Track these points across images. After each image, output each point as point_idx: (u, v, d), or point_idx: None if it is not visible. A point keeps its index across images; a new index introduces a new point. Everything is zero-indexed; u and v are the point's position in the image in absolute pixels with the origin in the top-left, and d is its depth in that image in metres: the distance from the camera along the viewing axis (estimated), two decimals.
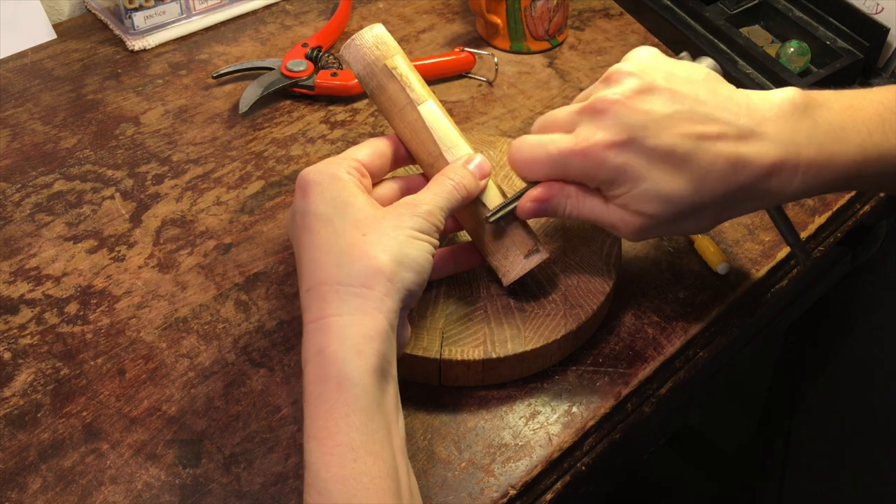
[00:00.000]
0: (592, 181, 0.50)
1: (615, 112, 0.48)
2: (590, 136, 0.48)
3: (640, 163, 0.48)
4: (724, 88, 0.50)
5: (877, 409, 0.95)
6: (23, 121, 0.76)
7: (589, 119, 0.49)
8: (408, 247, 0.46)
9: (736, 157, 0.47)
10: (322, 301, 0.44)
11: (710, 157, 0.47)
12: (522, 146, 0.52)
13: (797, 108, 0.48)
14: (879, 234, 0.80)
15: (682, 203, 0.48)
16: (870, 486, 0.98)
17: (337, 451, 0.41)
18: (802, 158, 0.47)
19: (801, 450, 1.09)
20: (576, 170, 0.50)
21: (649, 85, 0.48)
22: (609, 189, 0.50)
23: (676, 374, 0.59)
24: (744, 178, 0.47)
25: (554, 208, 0.52)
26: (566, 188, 0.51)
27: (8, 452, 0.52)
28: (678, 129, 0.47)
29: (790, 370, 1.08)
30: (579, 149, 0.49)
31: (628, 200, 0.49)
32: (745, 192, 0.48)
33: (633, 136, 0.47)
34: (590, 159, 0.49)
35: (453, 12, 0.90)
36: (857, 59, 0.75)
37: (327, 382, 0.42)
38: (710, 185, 0.48)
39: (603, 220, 0.51)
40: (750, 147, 0.47)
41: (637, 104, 0.48)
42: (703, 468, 1.32)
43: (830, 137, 0.48)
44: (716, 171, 0.47)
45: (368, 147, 0.52)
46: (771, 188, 0.48)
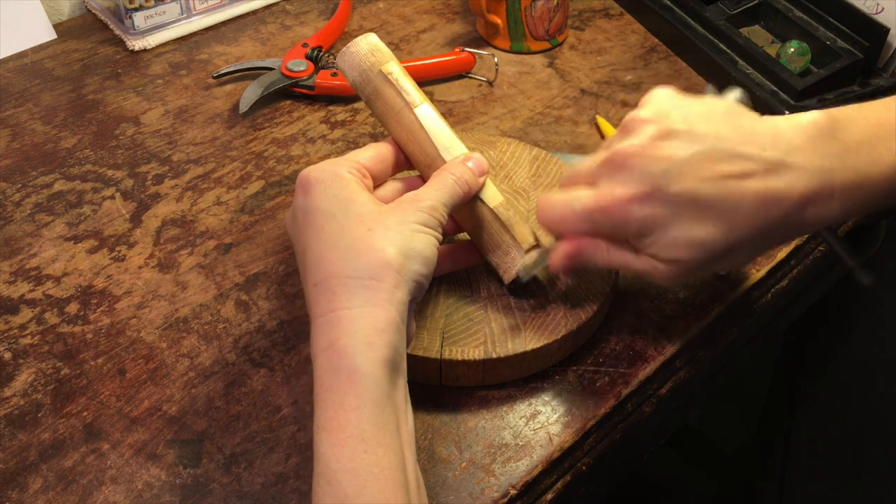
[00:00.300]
0: (620, 234, 0.50)
1: (634, 164, 0.47)
2: (611, 192, 0.48)
3: (665, 212, 0.46)
4: (747, 120, 0.48)
5: (877, 409, 0.95)
6: (23, 121, 0.76)
7: (609, 173, 0.48)
8: (413, 240, 0.46)
9: (765, 192, 0.45)
10: (331, 294, 0.44)
11: (738, 196, 0.45)
12: (549, 205, 0.51)
13: (823, 132, 0.46)
14: (879, 234, 0.80)
15: (713, 246, 0.47)
16: (870, 486, 0.98)
17: (347, 443, 0.41)
18: (837, 183, 0.46)
19: (801, 450, 1.09)
20: (602, 225, 0.49)
21: (667, 130, 0.47)
22: (638, 241, 0.49)
23: (677, 374, 0.59)
24: (776, 213, 0.46)
25: (586, 262, 0.52)
26: (596, 242, 0.51)
27: (8, 452, 0.52)
28: (700, 172, 0.46)
29: (790, 370, 1.08)
30: (602, 205, 0.48)
31: (658, 250, 0.48)
32: (779, 226, 0.46)
33: (655, 186, 0.46)
34: (614, 215, 0.48)
35: (453, 12, 0.90)
36: (857, 59, 0.75)
37: (338, 374, 0.42)
38: (741, 225, 0.46)
39: (635, 268, 0.50)
40: (779, 180, 0.45)
41: (656, 152, 0.47)
42: (704, 468, 1.32)
43: (863, 157, 0.46)
44: (745, 210, 0.46)
45: (371, 150, 0.52)
46: (807, 218, 0.46)
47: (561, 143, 0.74)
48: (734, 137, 0.47)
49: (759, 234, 0.47)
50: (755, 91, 0.75)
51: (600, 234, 0.51)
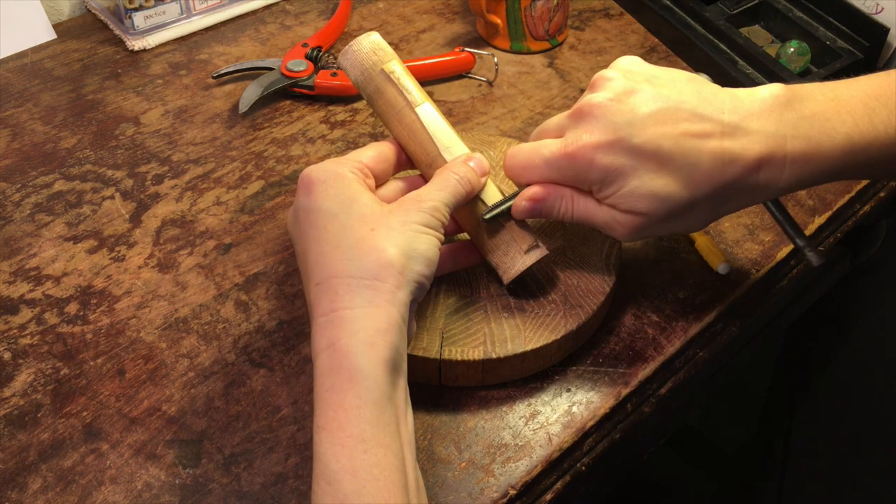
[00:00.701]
0: (583, 183, 0.51)
1: (601, 114, 0.49)
2: (578, 139, 0.50)
3: (628, 162, 0.48)
4: (708, 87, 0.50)
5: (877, 408, 0.95)
6: (23, 121, 0.76)
7: (576, 122, 0.51)
8: (415, 241, 0.46)
9: (722, 152, 0.48)
10: (333, 294, 0.44)
11: (696, 153, 0.48)
12: (516, 153, 0.53)
13: (781, 102, 0.49)
14: (879, 234, 0.80)
15: (672, 200, 0.49)
16: (870, 486, 0.98)
17: (348, 443, 0.41)
18: (789, 151, 0.48)
19: (801, 450, 1.09)
20: (567, 172, 0.51)
21: (633, 87, 0.50)
22: (600, 190, 0.51)
23: (676, 374, 0.59)
24: (732, 173, 0.48)
25: (549, 208, 0.53)
26: (560, 189, 0.52)
27: (8, 452, 0.52)
28: (663, 127, 0.48)
29: (790, 370, 1.08)
30: (568, 151, 0.50)
31: (619, 200, 0.50)
32: (735, 186, 0.49)
33: (619, 136, 0.48)
34: (579, 161, 0.50)
35: (453, 12, 0.90)
36: (857, 59, 0.75)
37: (339, 374, 0.42)
38: (699, 182, 0.48)
39: (596, 220, 0.52)
40: (735, 142, 0.48)
41: (622, 105, 0.49)
42: (703, 468, 1.32)
43: (816, 128, 0.48)
44: (703, 167, 0.48)
45: (372, 150, 0.52)
46: (760, 182, 0.49)
47: None
48: (695, 100, 0.49)
49: (716, 193, 0.49)
50: None
51: (564, 182, 0.52)
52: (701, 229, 0.54)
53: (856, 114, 0.49)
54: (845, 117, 0.48)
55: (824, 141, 0.48)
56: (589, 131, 0.49)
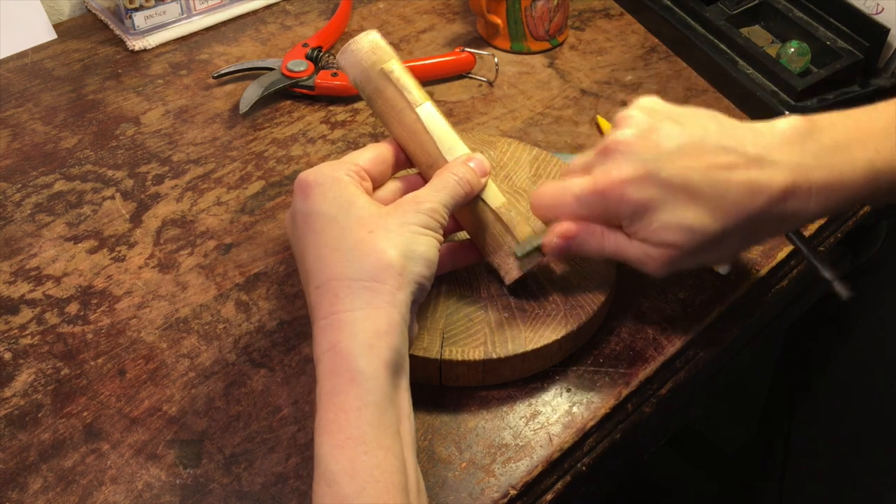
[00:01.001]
0: (614, 218, 0.51)
1: (628, 150, 0.49)
2: (607, 175, 0.50)
3: (658, 195, 0.48)
4: (729, 122, 0.51)
5: (877, 408, 0.95)
6: (23, 121, 0.76)
7: (604, 159, 0.51)
8: (414, 242, 0.46)
9: (749, 182, 0.48)
10: (333, 297, 0.44)
11: (724, 184, 0.48)
12: (544, 191, 0.53)
13: (801, 133, 0.49)
14: (879, 234, 0.80)
15: (702, 232, 0.49)
16: (870, 486, 0.98)
17: (348, 444, 0.41)
18: (813, 181, 0.48)
19: (801, 450, 1.09)
20: (597, 209, 0.51)
21: (657, 122, 0.50)
22: (630, 225, 0.50)
23: (677, 375, 0.59)
24: (760, 204, 0.48)
25: (580, 245, 0.52)
26: (591, 225, 0.52)
27: (8, 452, 0.52)
28: (690, 160, 0.48)
29: (790, 370, 1.08)
30: (599, 188, 0.50)
31: (650, 234, 0.50)
32: (763, 217, 0.49)
33: (648, 170, 0.48)
34: (609, 196, 0.50)
35: (453, 12, 0.90)
36: (857, 60, 0.75)
37: (340, 377, 0.42)
38: (728, 213, 0.48)
39: (628, 255, 0.52)
40: (761, 173, 0.48)
41: (648, 141, 0.49)
42: (704, 468, 1.32)
43: (838, 157, 0.48)
44: (731, 197, 0.48)
45: (370, 152, 0.52)
46: (788, 211, 0.49)
47: (561, 143, 0.74)
48: (718, 134, 0.49)
49: (746, 223, 0.49)
50: (755, 91, 0.75)
51: (594, 219, 0.52)
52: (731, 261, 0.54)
53: (877, 140, 0.49)
54: (867, 144, 0.49)
55: (846, 169, 0.48)
56: (618, 167, 0.49)
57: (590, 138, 0.75)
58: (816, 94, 0.74)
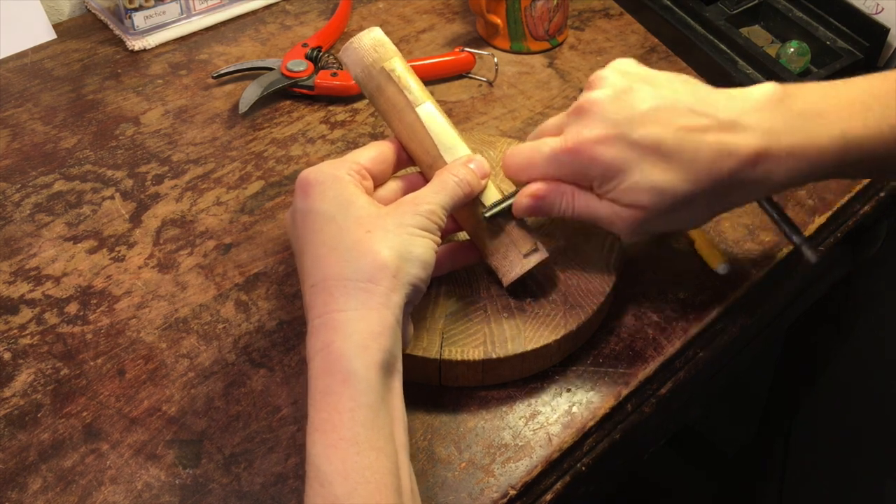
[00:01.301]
0: (585, 178, 0.51)
1: (600, 110, 0.50)
2: (578, 134, 0.50)
3: (629, 155, 0.49)
4: (702, 87, 0.51)
5: (877, 408, 0.95)
6: (23, 121, 0.76)
7: (577, 119, 0.51)
8: (411, 244, 0.46)
9: (719, 145, 0.48)
10: (328, 296, 0.44)
11: (695, 146, 0.48)
12: (515, 152, 0.54)
13: (774, 99, 0.49)
14: (879, 234, 0.80)
15: (672, 193, 0.49)
16: (870, 486, 0.98)
17: (340, 445, 0.41)
18: (784, 146, 0.48)
19: (802, 450, 1.09)
20: (568, 168, 0.51)
21: (630, 85, 0.50)
22: (601, 185, 0.51)
23: (676, 375, 0.59)
24: (730, 167, 0.48)
25: (549, 205, 0.52)
26: (561, 185, 0.52)
27: (8, 452, 0.52)
28: (663, 121, 0.49)
29: (790, 370, 1.08)
30: (569, 146, 0.50)
31: (620, 194, 0.50)
32: (733, 180, 0.49)
33: (620, 131, 0.49)
34: (580, 156, 0.50)
35: (453, 12, 0.90)
36: (857, 59, 0.75)
37: (333, 377, 0.42)
38: (698, 175, 0.49)
39: (598, 215, 0.52)
40: (732, 137, 0.48)
41: (621, 102, 0.49)
42: (704, 468, 1.32)
43: (809, 124, 0.49)
44: (702, 160, 0.48)
45: (371, 151, 0.52)
46: (758, 176, 0.49)
47: None
48: (691, 97, 0.50)
49: (715, 186, 0.49)
50: None
51: (565, 179, 0.52)
52: (700, 225, 0.54)
53: (851, 109, 0.49)
54: (840, 113, 0.49)
55: (819, 136, 0.48)
56: (589, 126, 0.50)
57: None
58: None
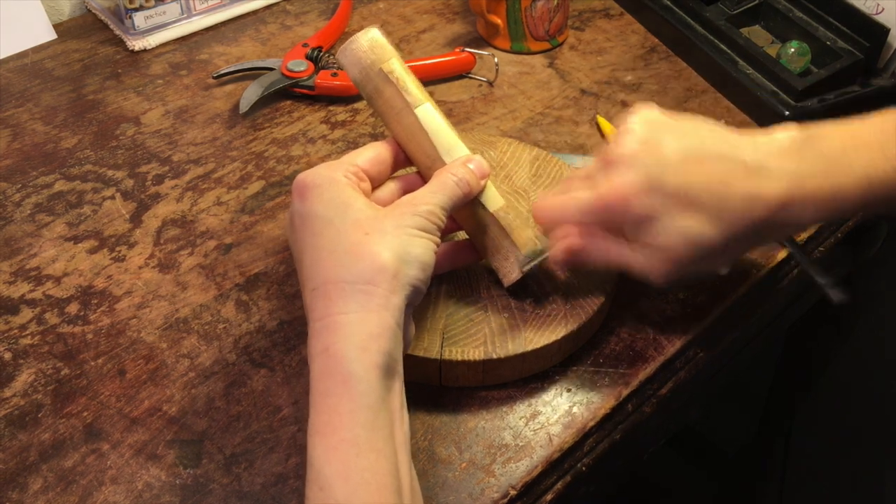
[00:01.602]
0: (617, 230, 0.52)
1: (631, 160, 0.50)
2: (611, 184, 0.50)
3: (661, 204, 0.49)
4: (727, 132, 0.51)
5: (877, 408, 0.95)
6: (23, 121, 0.76)
7: (607, 171, 0.51)
8: (410, 245, 0.46)
9: (748, 192, 0.48)
10: (327, 299, 0.44)
11: (725, 194, 0.49)
12: (547, 203, 0.54)
13: (797, 142, 0.50)
14: (879, 234, 0.80)
15: (704, 241, 0.49)
16: (870, 486, 0.98)
17: (340, 447, 0.41)
18: (808, 189, 0.49)
19: (802, 450, 1.09)
20: (600, 219, 0.52)
21: (658, 133, 0.50)
22: (634, 234, 0.51)
23: (677, 375, 0.59)
24: (758, 214, 0.49)
25: (584, 256, 0.53)
26: (595, 239, 0.53)
27: (9, 453, 0.52)
28: (691, 170, 0.49)
29: (790, 370, 1.08)
30: (604, 199, 0.50)
31: (653, 243, 0.50)
32: (762, 225, 0.49)
33: (651, 181, 0.49)
34: (613, 207, 0.50)
35: (453, 12, 0.90)
36: (857, 60, 0.75)
37: (333, 379, 0.42)
38: (729, 222, 0.49)
39: (631, 265, 0.52)
40: (760, 182, 0.48)
41: (650, 152, 0.50)
42: (704, 468, 1.32)
43: (834, 166, 0.49)
44: (732, 207, 0.49)
45: (369, 152, 0.52)
46: (785, 220, 0.49)
47: (561, 143, 0.74)
48: (717, 144, 0.50)
49: (745, 232, 0.49)
50: (755, 91, 0.75)
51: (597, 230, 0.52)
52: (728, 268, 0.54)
53: (872, 150, 0.49)
54: (861, 153, 0.49)
55: (842, 178, 0.49)
56: (622, 176, 0.50)
57: (590, 138, 0.75)
58: (816, 94, 0.74)
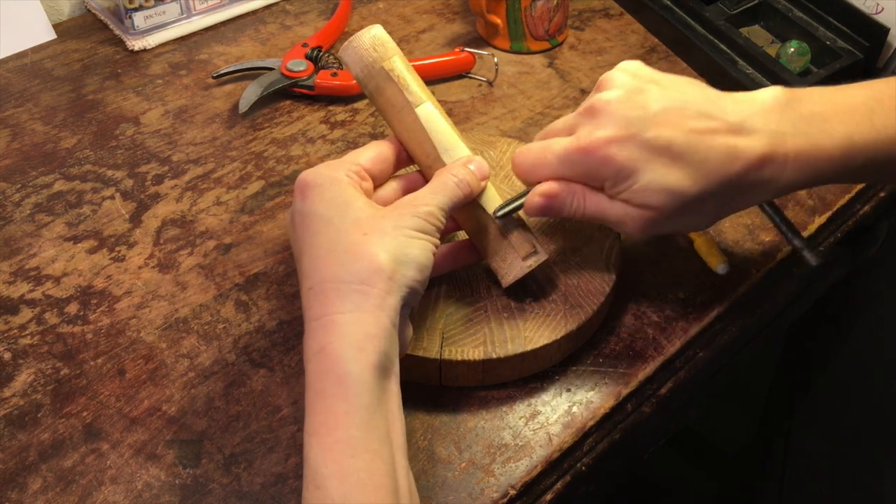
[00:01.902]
0: (596, 179, 0.51)
1: (613, 110, 0.50)
2: (591, 134, 0.50)
3: (641, 156, 0.49)
4: (709, 90, 0.52)
5: (877, 408, 0.95)
6: (23, 121, 0.76)
7: (588, 119, 0.51)
8: (408, 246, 0.46)
9: (728, 148, 0.48)
10: (324, 299, 0.45)
11: (705, 148, 0.48)
12: (526, 151, 0.53)
13: (780, 103, 0.50)
14: (879, 234, 0.80)
15: (683, 194, 0.49)
16: (870, 486, 0.98)
17: (336, 448, 0.41)
18: (790, 148, 0.49)
19: (802, 450, 1.09)
20: (580, 168, 0.51)
21: (641, 85, 0.51)
22: (613, 186, 0.51)
23: (677, 375, 0.59)
24: (738, 169, 0.49)
25: (560, 205, 0.52)
26: (572, 185, 0.52)
27: (8, 452, 0.52)
28: (673, 123, 0.49)
29: (790, 370, 1.08)
30: (582, 146, 0.50)
31: (632, 195, 0.50)
32: (741, 182, 0.49)
33: (632, 131, 0.49)
34: (593, 156, 0.50)
35: (453, 12, 0.90)
36: (857, 59, 0.75)
37: (329, 379, 0.42)
38: (708, 177, 0.49)
39: (608, 216, 0.52)
40: (740, 139, 0.49)
41: (632, 103, 0.50)
42: (704, 468, 1.32)
43: (815, 127, 0.49)
44: (712, 162, 0.48)
45: (371, 151, 0.52)
46: (764, 178, 0.49)
47: None
48: (700, 100, 0.50)
49: (723, 188, 0.49)
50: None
51: (576, 179, 0.52)
52: (707, 227, 0.55)
53: (856, 114, 0.49)
54: (844, 117, 0.49)
55: (824, 139, 0.49)
56: (602, 126, 0.50)
57: None
58: None
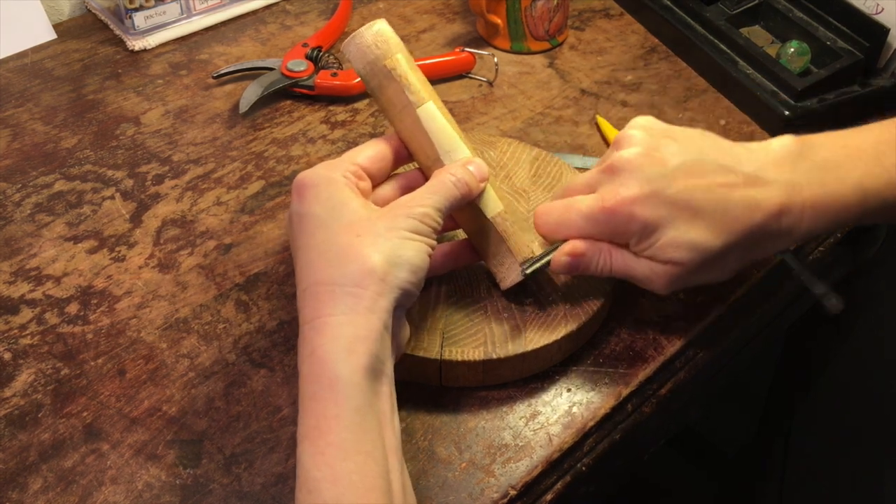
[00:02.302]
0: (621, 237, 0.52)
1: (634, 168, 0.50)
2: (615, 193, 0.50)
3: (664, 213, 0.49)
4: (724, 142, 0.52)
5: (877, 408, 0.95)
6: (23, 121, 0.76)
7: (610, 178, 0.51)
8: (401, 248, 0.46)
9: (747, 200, 0.49)
10: (316, 301, 0.45)
11: (725, 202, 0.49)
12: (549, 210, 0.54)
13: (793, 152, 0.51)
14: (879, 234, 0.80)
15: (706, 249, 0.50)
16: (870, 486, 0.98)
17: (328, 451, 0.41)
18: (806, 197, 0.49)
19: (802, 450, 1.09)
20: (605, 227, 0.52)
21: (657, 141, 0.51)
22: (637, 243, 0.51)
23: (677, 375, 0.59)
24: (758, 220, 0.49)
25: (587, 263, 0.53)
26: (598, 244, 0.53)
27: (8, 453, 0.52)
28: (693, 178, 0.49)
29: (790, 370, 1.08)
30: (608, 206, 0.51)
31: (656, 251, 0.50)
32: (762, 233, 0.50)
33: (654, 189, 0.49)
34: (618, 215, 0.50)
35: (453, 12, 0.90)
36: (857, 60, 0.75)
37: (320, 382, 0.43)
38: (730, 229, 0.49)
39: (635, 273, 0.52)
40: (758, 191, 0.49)
41: (652, 159, 0.50)
42: (704, 469, 1.32)
43: (828, 175, 0.50)
44: (732, 215, 0.49)
45: (369, 150, 0.52)
46: (783, 228, 0.50)
47: (561, 143, 0.74)
48: (715, 153, 0.51)
49: (745, 240, 0.50)
50: (755, 91, 0.75)
51: (601, 237, 0.52)
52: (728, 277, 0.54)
53: (866, 158, 0.50)
54: (856, 162, 0.50)
55: (837, 187, 0.50)
56: (624, 185, 0.50)
57: (590, 138, 0.75)
58: (816, 94, 0.74)
